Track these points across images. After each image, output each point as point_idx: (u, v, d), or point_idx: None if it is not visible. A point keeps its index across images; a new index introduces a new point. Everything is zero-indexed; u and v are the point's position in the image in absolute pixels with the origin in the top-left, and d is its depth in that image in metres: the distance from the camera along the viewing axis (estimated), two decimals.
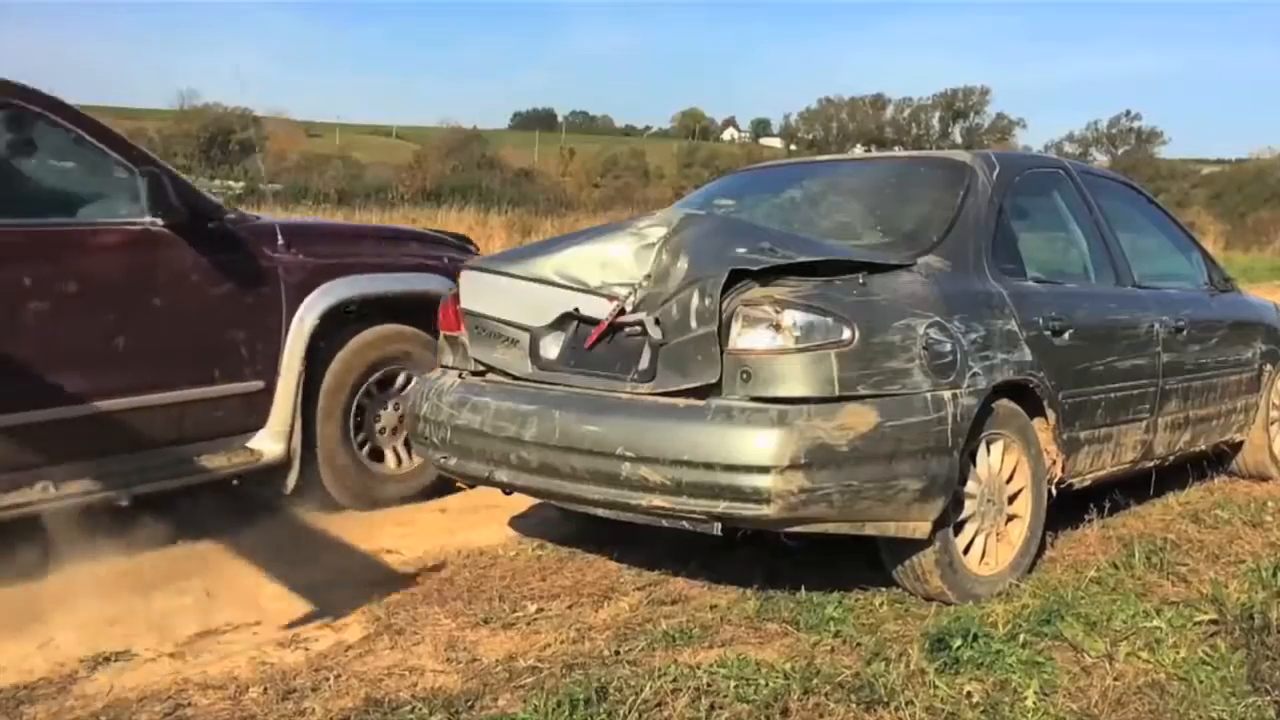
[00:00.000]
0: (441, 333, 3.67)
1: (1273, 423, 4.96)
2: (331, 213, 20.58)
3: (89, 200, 3.64)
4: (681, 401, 2.94)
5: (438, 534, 3.89)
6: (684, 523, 2.96)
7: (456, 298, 3.55)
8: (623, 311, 3.16)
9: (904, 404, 2.94)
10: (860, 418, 2.84)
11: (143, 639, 2.92)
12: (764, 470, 2.76)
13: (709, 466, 2.81)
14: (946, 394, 3.03)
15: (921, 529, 3.01)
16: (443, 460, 3.47)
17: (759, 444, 2.77)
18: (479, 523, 4.00)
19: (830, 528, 2.92)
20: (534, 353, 3.32)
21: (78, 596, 3.12)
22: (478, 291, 3.48)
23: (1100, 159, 35.07)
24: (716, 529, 2.92)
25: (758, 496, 2.77)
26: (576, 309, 3.28)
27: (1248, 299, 5.10)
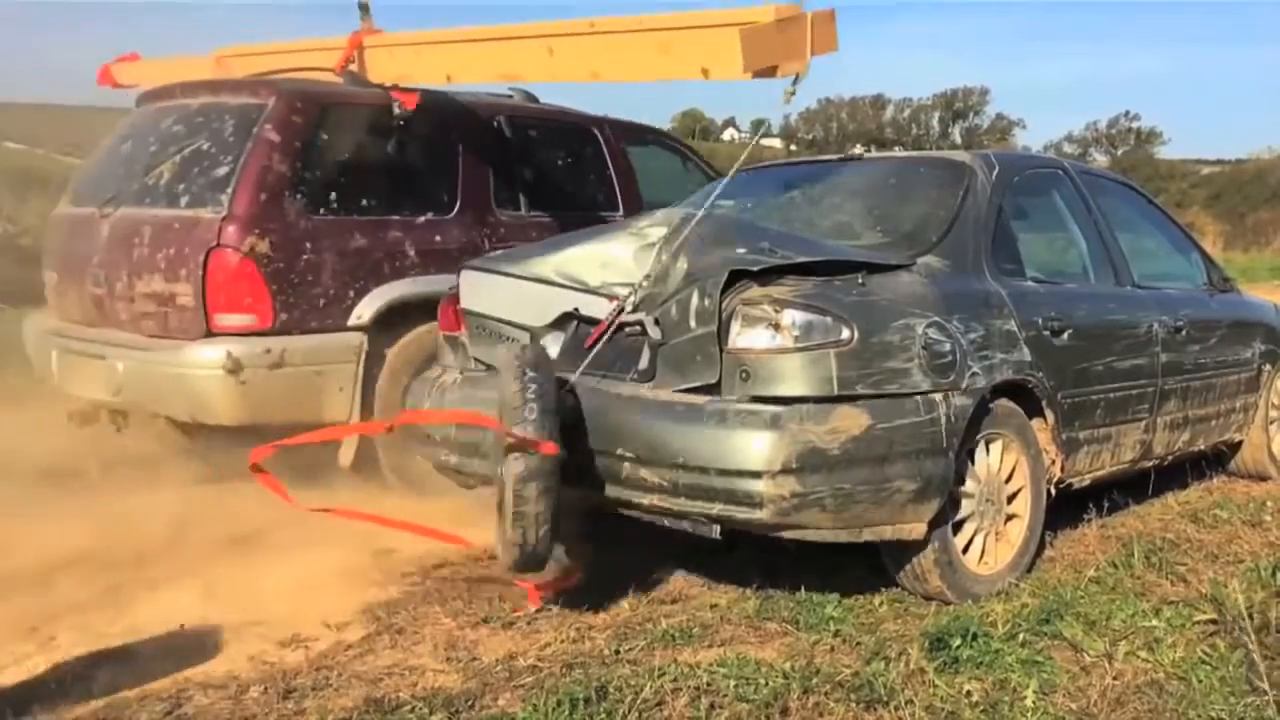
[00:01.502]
0: (441, 332, 3.67)
1: (1272, 422, 4.97)
2: None
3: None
4: (680, 402, 2.94)
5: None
6: (685, 523, 2.97)
7: (456, 298, 3.55)
8: (623, 311, 3.16)
9: (902, 404, 2.94)
10: (854, 420, 2.84)
11: (143, 639, 2.92)
12: (756, 475, 2.76)
13: (704, 470, 2.81)
14: (945, 394, 3.03)
15: (917, 530, 3.01)
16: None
17: (751, 448, 2.77)
18: (479, 522, 4.00)
19: (827, 535, 2.91)
20: None
21: None
22: (478, 291, 3.48)
23: (1100, 159, 35.02)
24: (715, 531, 2.93)
25: (751, 500, 2.77)
26: (576, 309, 3.28)
27: (1247, 299, 5.10)
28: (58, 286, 4.63)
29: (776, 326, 2.87)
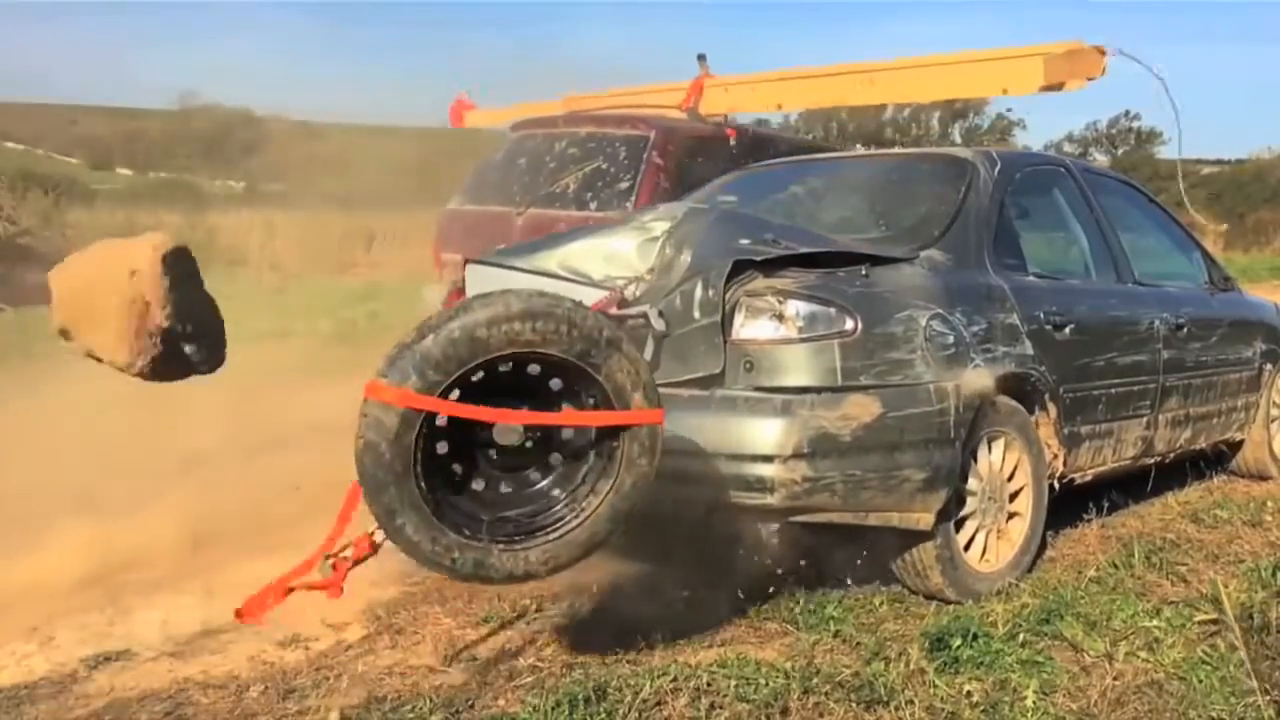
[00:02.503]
0: None
1: (1273, 421, 4.96)
2: (332, 213, 20.52)
3: None
4: (685, 392, 2.94)
5: None
6: (690, 511, 2.96)
7: (461, 291, 3.55)
8: (623, 302, 3.15)
9: (907, 394, 2.94)
10: (863, 408, 2.84)
11: (143, 639, 2.92)
12: (767, 459, 2.77)
13: (713, 455, 2.81)
14: (949, 385, 3.04)
15: (925, 520, 3.02)
16: None
17: (763, 433, 2.78)
18: None
19: (834, 518, 2.92)
20: None
21: None
22: (482, 285, 3.48)
23: (1100, 159, 34.92)
24: (722, 518, 2.92)
25: (761, 485, 2.78)
26: (579, 302, 3.27)
27: (1248, 298, 5.10)
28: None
29: (780, 317, 2.87)
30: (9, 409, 4.96)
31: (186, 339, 2.81)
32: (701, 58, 6.02)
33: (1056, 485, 3.61)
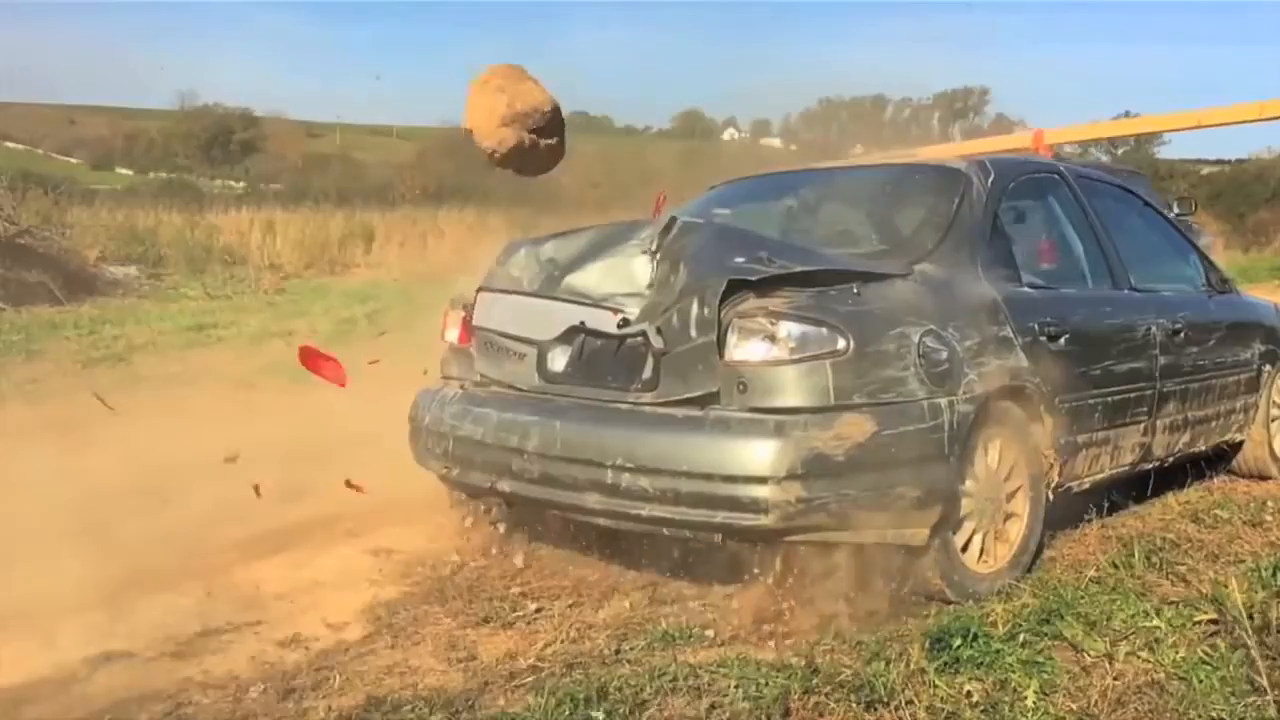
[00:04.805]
0: (448, 345, 3.68)
1: (1273, 420, 4.96)
2: (331, 213, 20.56)
3: None
4: (680, 412, 2.94)
5: (438, 534, 3.90)
6: (685, 531, 2.96)
7: (469, 314, 3.55)
8: (625, 321, 3.15)
9: (900, 412, 2.94)
10: (857, 427, 2.84)
11: (143, 639, 2.92)
12: (761, 481, 2.76)
13: (707, 477, 2.81)
14: (943, 401, 3.04)
15: (919, 535, 3.02)
16: (445, 472, 3.47)
17: (756, 455, 2.78)
18: (479, 522, 4.00)
19: (829, 537, 2.91)
20: (541, 366, 3.32)
21: None
22: (489, 309, 3.48)
23: (1099, 159, 34.91)
24: (718, 539, 2.93)
25: (756, 507, 2.78)
26: (583, 322, 3.27)
27: (1246, 300, 5.10)
28: None
29: (772, 338, 2.87)
30: (10, 407, 4.97)
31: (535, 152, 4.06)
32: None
33: (1051, 495, 3.60)
